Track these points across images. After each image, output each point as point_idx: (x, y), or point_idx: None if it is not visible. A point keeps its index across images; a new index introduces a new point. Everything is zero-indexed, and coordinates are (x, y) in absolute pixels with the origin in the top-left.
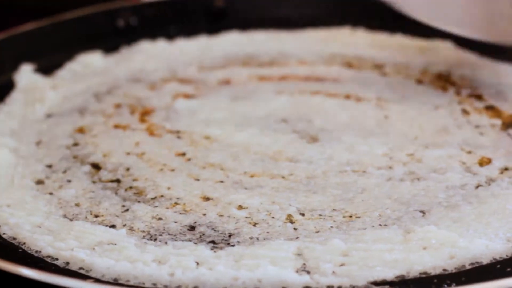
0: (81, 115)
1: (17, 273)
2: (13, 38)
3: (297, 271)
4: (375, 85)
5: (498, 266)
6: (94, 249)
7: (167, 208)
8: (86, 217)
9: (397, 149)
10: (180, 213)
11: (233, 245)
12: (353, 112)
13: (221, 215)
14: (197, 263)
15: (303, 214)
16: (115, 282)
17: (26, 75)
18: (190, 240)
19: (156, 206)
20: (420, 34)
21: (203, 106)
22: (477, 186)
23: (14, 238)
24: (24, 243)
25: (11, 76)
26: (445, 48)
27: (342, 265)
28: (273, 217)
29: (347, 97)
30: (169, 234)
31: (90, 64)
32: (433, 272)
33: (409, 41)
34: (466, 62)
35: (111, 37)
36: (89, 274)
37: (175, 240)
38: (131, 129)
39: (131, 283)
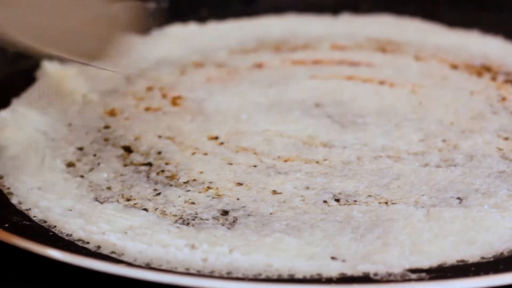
0: (112, 98)
1: (47, 256)
2: None
3: (332, 258)
4: (409, 70)
5: None
6: (126, 233)
7: (200, 192)
8: (117, 201)
9: (433, 135)
10: (213, 198)
11: (267, 231)
12: (388, 97)
13: (255, 200)
14: (231, 249)
15: (338, 200)
16: (147, 266)
17: None
18: (223, 225)
19: (189, 190)
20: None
21: (236, 90)
22: None
23: (45, 221)
24: (55, 226)
25: (41, 59)
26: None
27: (377, 252)
28: (307, 203)
29: (382, 82)
30: (202, 218)
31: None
32: (471, 260)
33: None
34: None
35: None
36: (121, 258)
37: (208, 225)
38: (162, 112)
39: (164, 267)
